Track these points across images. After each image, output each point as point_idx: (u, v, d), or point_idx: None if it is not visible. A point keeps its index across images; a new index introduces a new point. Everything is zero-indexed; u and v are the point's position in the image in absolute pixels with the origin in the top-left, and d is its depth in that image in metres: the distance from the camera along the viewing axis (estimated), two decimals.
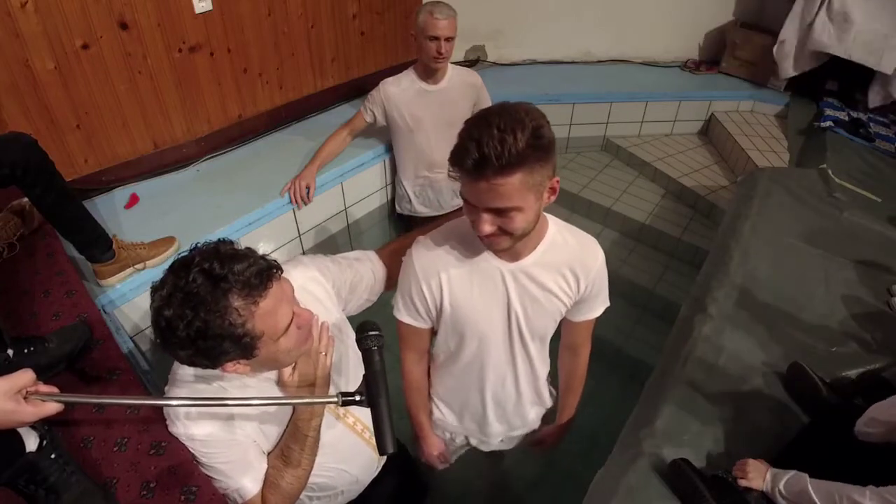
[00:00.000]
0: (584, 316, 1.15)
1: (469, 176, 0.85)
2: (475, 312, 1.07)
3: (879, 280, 1.85)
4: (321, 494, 1.14)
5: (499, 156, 0.80)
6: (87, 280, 1.63)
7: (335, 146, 2.29)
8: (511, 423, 1.33)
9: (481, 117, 0.84)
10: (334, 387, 1.07)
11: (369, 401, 0.81)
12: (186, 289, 0.74)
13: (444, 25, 1.97)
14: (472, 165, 0.82)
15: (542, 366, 1.24)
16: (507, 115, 0.82)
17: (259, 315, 0.79)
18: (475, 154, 0.81)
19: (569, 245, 1.05)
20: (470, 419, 1.31)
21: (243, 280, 0.77)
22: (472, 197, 0.88)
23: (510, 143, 0.80)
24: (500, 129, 0.80)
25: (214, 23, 2.15)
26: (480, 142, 0.81)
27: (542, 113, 0.87)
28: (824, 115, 2.89)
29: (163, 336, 0.77)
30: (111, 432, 1.11)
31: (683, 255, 2.64)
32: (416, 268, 1.06)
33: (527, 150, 0.81)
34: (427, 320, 1.12)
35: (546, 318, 1.11)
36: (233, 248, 0.81)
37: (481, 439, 1.38)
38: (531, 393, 1.28)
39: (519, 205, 0.86)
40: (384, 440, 0.80)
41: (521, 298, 1.06)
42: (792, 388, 1.45)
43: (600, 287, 1.11)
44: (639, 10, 3.40)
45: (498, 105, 0.87)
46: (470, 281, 1.05)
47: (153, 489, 1.02)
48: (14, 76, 1.71)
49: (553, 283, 1.06)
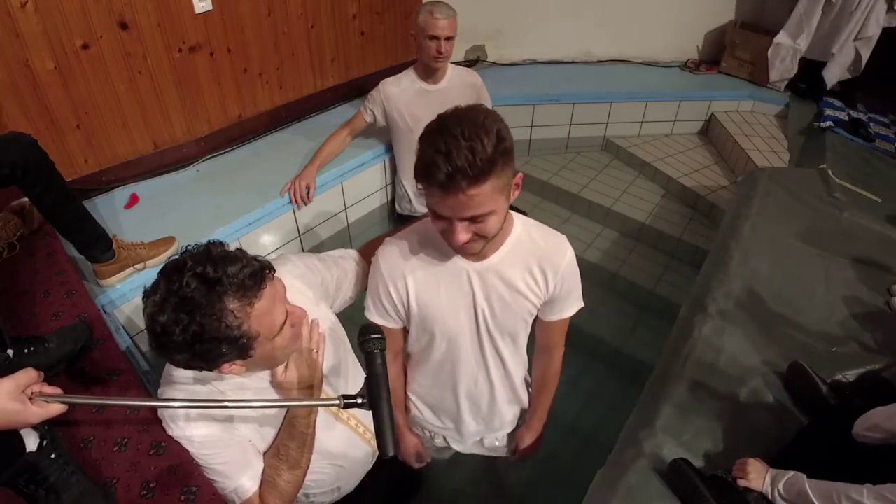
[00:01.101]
0: (556, 315, 1.14)
1: (441, 189, 0.83)
2: (442, 312, 1.08)
3: (879, 280, 1.85)
4: (318, 491, 1.14)
5: (471, 165, 0.79)
6: (87, 280, 1.63)
7: (335, 146, 2.29)
8: (487, 423, 1.33)
9: (441, 127, 0.82)
10: (331, 387, 1.08)
11: (371, 403, 0.81)
12: (181, 293, 0.74)
13: (444, 25, 1.97)
14: (444, 179, 0.81)
15: (517, 365, 1.24)
16: (468, 121, 0.81)
17: (255, 316, 0.79)
18: (446, 168, 0.79)
19: (535, 243, 1.05)
20: (446, 416, 1.32)
21: (238, 282, 0.77)
22: (445, 210, 0.87)
23: (479, 150, 0.79)
24: (465, 138, 0.79)
25: (214, 23, 2.15)
26: (449, 154, 0.79)
27: (498, 114, 0.86)
28: (824, 115, 2.89)
29: (158, 341, 0.76)
30: (111, 432, 1.11)
31: (683, 255, 2.64)
32: (381, 269, 1.07)
33: (495, 156, 0.81)
34: (397, 320, 1.13)
35: (514, 317, 1.11)
36: (224, 251, 0.80)
37: (457, 439, 1.38)
38: (506, 392, 1.28)
39: (493, 209, 0.86)
40: (386, 442, 0.80)
41: (488, 297, 1.06)
42: (792, 388, 1.46)
43: (571, 286, 1.10)
44: (639, 10, 3.40)
45: (453, 112, 0.84)
46: (436, 281, 1.06)
47: (153, 489, 1.02)
48: (14, 76, 1.71)
49: (520, 280, 1.05)
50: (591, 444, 1.96)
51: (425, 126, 0.86)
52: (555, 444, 1.94)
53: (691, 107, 3.28)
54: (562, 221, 2.91)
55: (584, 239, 2.78)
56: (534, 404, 1.35)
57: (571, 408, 2.10)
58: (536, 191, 3.07)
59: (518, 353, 1.22)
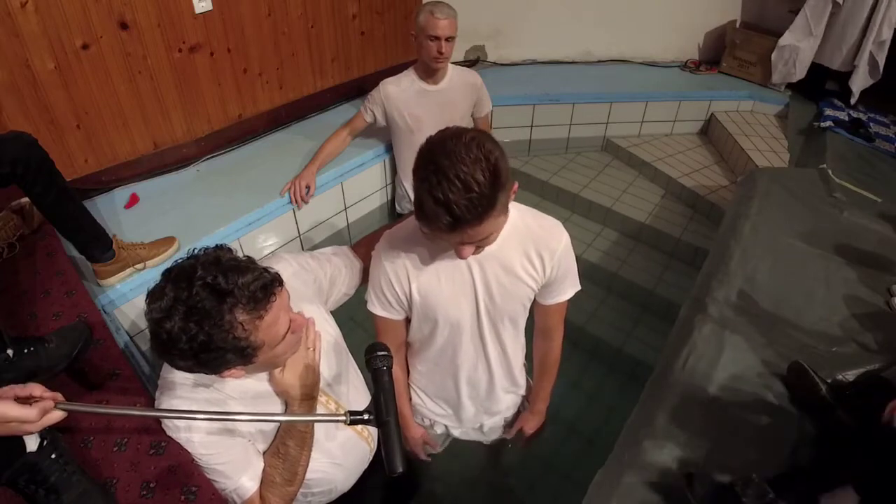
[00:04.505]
0: (554, 299, 1.17)
1: (444, 233, 0.86)
2: (443, 300, 1.09)
3: (879, 280, 1.85)
4: (317, 490, 1.15)
5: (471, 210, 0.81)
6: (87, 280, 1.63)
7: (335, 146, 2.29)
8: (486, 408, 1.35)
9: (436, 170, 0.80)
10: (334, 394, 1.09)
11: (378, 420, 0.80)
12: (190, 302, 0.73)
13: (445, 25, 1.97)
14: (447, 227, 0.83)
15: (516, 351, 1.27)
16: (460, 158, 0.79)
17: (262, 327, 0.79)
18: (447, 218, 0.81)
19: (531, 229, 1.08)
20: (445, 403, 1.34)
21: (248, 295, 0.76)
22: (450, 241, 0.91)
23: (476, 195, 0.80)
24: (461, 181, 0.79)
25: (214, 23, 2.15)
26: (448, 204, 0.80)
27: (488, 136, 0.86)
28: (824, 115, 2.89)
29: (163, 348, 0.76)
30: (111, 432, 1.11)
31: (683, 255, 2.64)
32: (382, 260, 1.09)
33: (493, 192, 0.82)
34: (400, 311, 1.15)
35: (514, 302, 1.13)
36: (234, 259, 0.80)
37: (456, 425, 1.40)
38: (504, 378, 1.30)
39: (494, 231, 0.91)
40: (393, 459, 0.78)
41: (487, 283, 1.08)
42: (792, 388, 1.45)
43: (567, 269, 1.13)
44: (639, 10, 3.40)
45: (441, 144, 0.82)
46: (436, 270, 1.07)
47: (153, 489, 1.02)
48: (14, 76, 1.71)
49: (518, 266, 1.08)
50: (591, 443, 1.97)
51: (417, 156, 0.85)
52: (555, 444, 1.94)
53: (691, 107, 3.28)
54: (562, 221, 2.87)
55: (584, 239, 2.78)
56: (536, 388, 1.38)
57: (571, 408, 2.10)
58: (536, 191, 3.07)
59: (518, 337, 1.24)
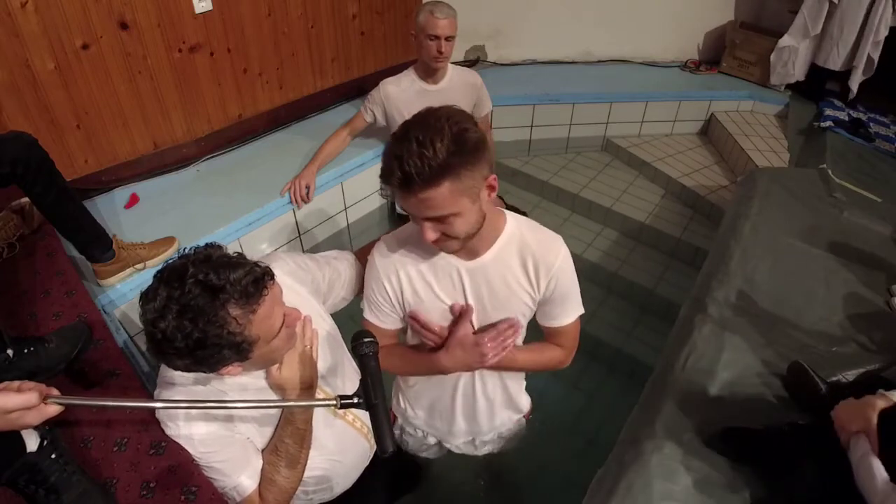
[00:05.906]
0: (555, 321, 1.12)
1: (399, 191, 0.86)
2: (436, 308, 1.08)
3: (879, 280, 1.85)
4: (317, 488, 1.15)
5: (419, 172, 0.81)
6: (87, 280, 1.63)
7: (335, 146, 2.29)
8: (480, 424, 1.32)
9: (404, 131, 0.84)
10: (329, 387, 1.08)
11: (367, 403, 0.83)
12: (183, 300, 0.74)
13: (445, 25, 1.97)
14: (398, 183, 0.84)
15: None
16: (426, 125, 0.82)
17: (256, 321, 0.80)
18: (398, 173, 0.82)
19: (527, 242, 1.04)
20: (439, 417, 1.33)
21: (241, 289, 0.77)
22: (408, 208, 0.90)
23: (429, 156, 0.80)
24: (418, 143, 0.80)
25: (214, 23, 2.15)
26: (401, 159, 0.81)
27: (467, 115, 0.87)
28: (824, 115, 2.89)
29: (159, 348, 0.76)
30: (111, 432, 1.11)
31: (683, 255, 2.64)
32: (376, 265, 1.08)
33: (449, 159, 0.81)
34: (394, 318, 1.13)
35: (507, 315, 1.09)
36: (225, 255, 0.80)
37: (448, 439, 1.39)
38: (501, 394, 1.28)
39: (454, 211, 0.87)
40: (384, 440, 0.82)
41: (478, 295, 1.06)
42: (792, 388, 1.45)
43: (567, 287, 1.08)
44: (639, 10, 3.40)
45: (422, 113, 0.86)
46: (428, 279, 1.06)
47: (153, 489, 1.02)
48: (14, 76, 1.71)
49: (512, 279, 1.05)
50: (591, 443, 1.97)
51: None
52: (555, 444, 1.94)
53: (691, 107, 3.28)
54: (562, 221, 2.91)
55: (584, 239, 2.78)
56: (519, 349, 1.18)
57: (571, 408, 2.10)
58: (536, 191, 3.07)
59: None
